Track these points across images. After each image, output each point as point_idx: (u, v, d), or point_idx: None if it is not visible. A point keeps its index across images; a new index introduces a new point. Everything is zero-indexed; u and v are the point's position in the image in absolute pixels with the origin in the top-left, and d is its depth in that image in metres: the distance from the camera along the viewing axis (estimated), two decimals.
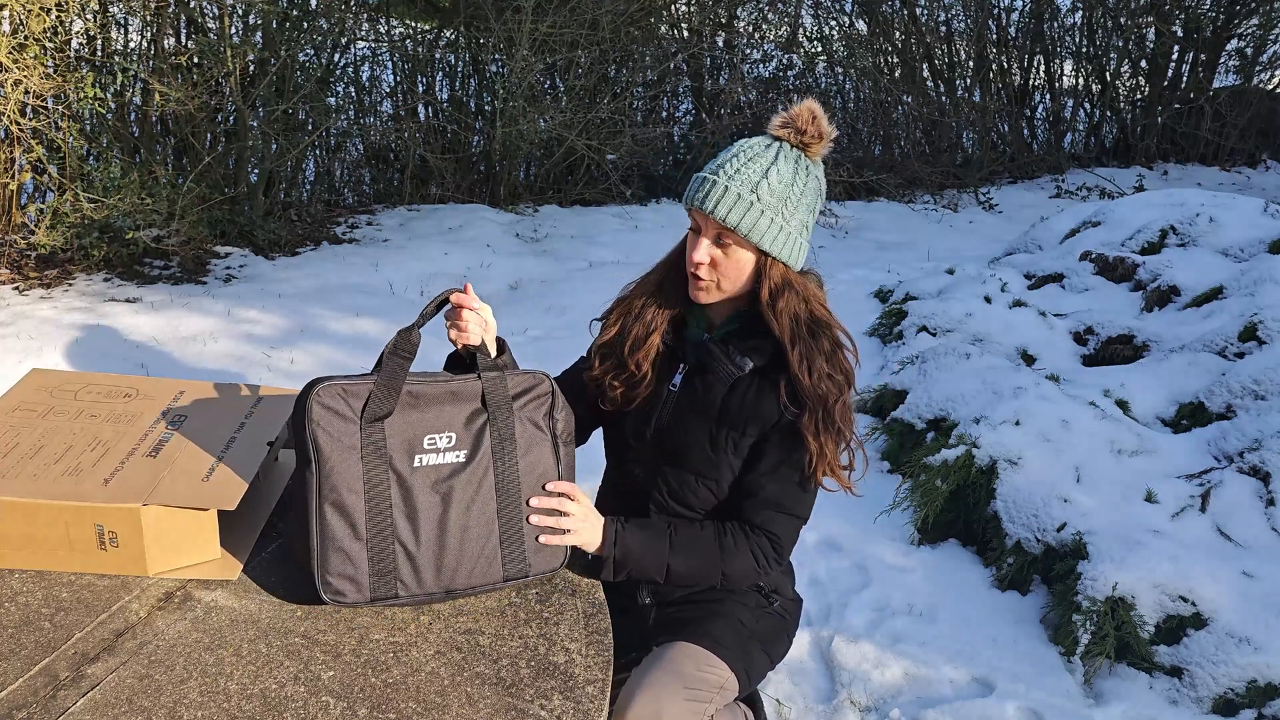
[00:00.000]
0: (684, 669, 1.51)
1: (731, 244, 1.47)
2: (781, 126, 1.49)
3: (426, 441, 1.36)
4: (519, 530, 1.40)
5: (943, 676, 2.38)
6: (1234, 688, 2.27)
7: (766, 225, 1.45)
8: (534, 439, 1.43)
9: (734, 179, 1.45)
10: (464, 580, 1.37)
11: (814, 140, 1.48)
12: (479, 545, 1.37)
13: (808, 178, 1.49)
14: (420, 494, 1.35)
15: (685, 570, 1.52)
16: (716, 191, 1.45)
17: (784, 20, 7.69)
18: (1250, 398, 3.10)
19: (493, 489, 1.39)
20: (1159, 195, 4.93)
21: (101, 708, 1.13)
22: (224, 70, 4.82)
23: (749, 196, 1.44)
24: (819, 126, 1.48)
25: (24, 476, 1.37)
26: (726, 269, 1.49)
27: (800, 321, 1.49)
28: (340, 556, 1.30)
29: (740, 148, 1.49)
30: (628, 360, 1.59)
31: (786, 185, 1.46)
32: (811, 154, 1.50)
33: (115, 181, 4.52)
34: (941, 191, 7.31)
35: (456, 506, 1.36)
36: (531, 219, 6.06)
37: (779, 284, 1.48)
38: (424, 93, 6.45)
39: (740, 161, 1.47)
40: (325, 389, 1.33)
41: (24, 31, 4.19)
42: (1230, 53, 8.50)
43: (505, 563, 1.39)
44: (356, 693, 1.19)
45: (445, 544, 1.35)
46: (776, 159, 1.47)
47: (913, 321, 4.05)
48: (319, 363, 3.87)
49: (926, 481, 2.95)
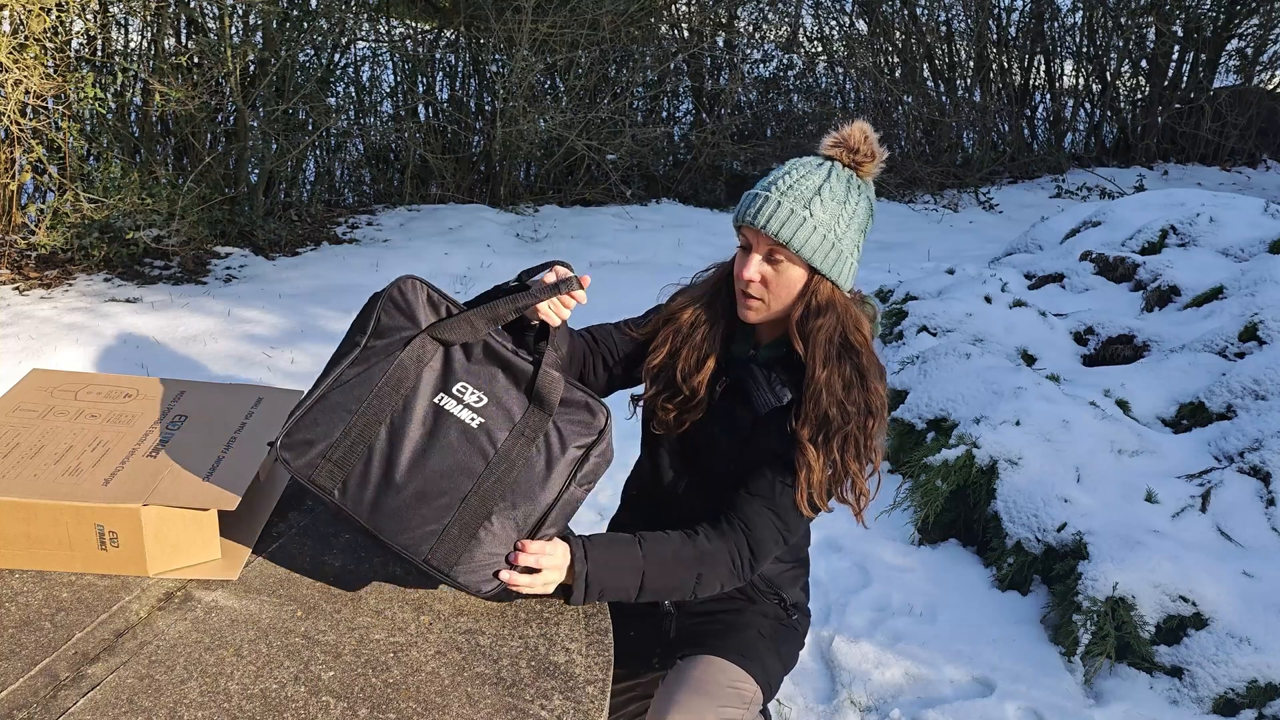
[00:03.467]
0: (713, 687, 1.50)
1: (783, 260, 1.45)
2: (834, 146, 1.48)
3: (458, 387, 1.32)
4: (470, 531, 1.29)
5: (943, 676, 2.38)
6: (1234, 688, 2.27)
7: (819, 242, 1.43)
8: (552, 461, 1.33)
9: (786, 195, 1.43)
10: (389, 532, 1.28)
11: (866, 160, 1.47)
12: (424, 513, 1.28)
13: (860, 198, 1.47)
14: (416, 426, 1.30)
15: (660, 576, 1.43)
16: (769, 207, 1.43)
17: (784, 20, 7.70)
18: (1250, 398, 3.10)
19: (477, 474, 1.30)
20: (1159, 195, 4.92)
21: (102, 708, 1.13)
22: (224, 70, 4.83)
23: (802, 212, 1.42)
24: (871, 146, 1.47)
25: (24, 476, 1.37)
26: (777, 287, 1.46)
27: (832, 343, 1.46)
28: (319, 421, 1.28)
29: (792, 165, 1.48)
30: (682, 385, 1.55)
31: (840, 203, 1.44)
32: (863, 174, 1.48)
33: (115, 181, 4.52)
34: (942, 191, 7.31)
35: (434, 464, 1.29)
36: (531, 219, 6.06)
37: (821, 303, 1.46)
38: (424, 93, 6.45)
39: (793, 178, 1.45)
40: (413, 284, 1.34)
41: (24, 31, 4.19)
42: (1230, 53, 8.51)
43: (435, 548, 1.28)
44: (357, 693, 1.19)
45: (401, 487, 1.28)
46: (829, 177, 1.45)
47: (913, 321, 4.05)
48: (319, 363, 3.87)
49: (927, 481, 2.95)
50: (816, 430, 1.45)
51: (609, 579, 1.39)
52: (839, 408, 1.45)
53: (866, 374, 1.47)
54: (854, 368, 1.47)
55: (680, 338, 1.57)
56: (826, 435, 1.45)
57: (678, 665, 1.56)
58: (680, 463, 1.61)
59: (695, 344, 1.55)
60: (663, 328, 1.60)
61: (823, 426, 1.45)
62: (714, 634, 1.59)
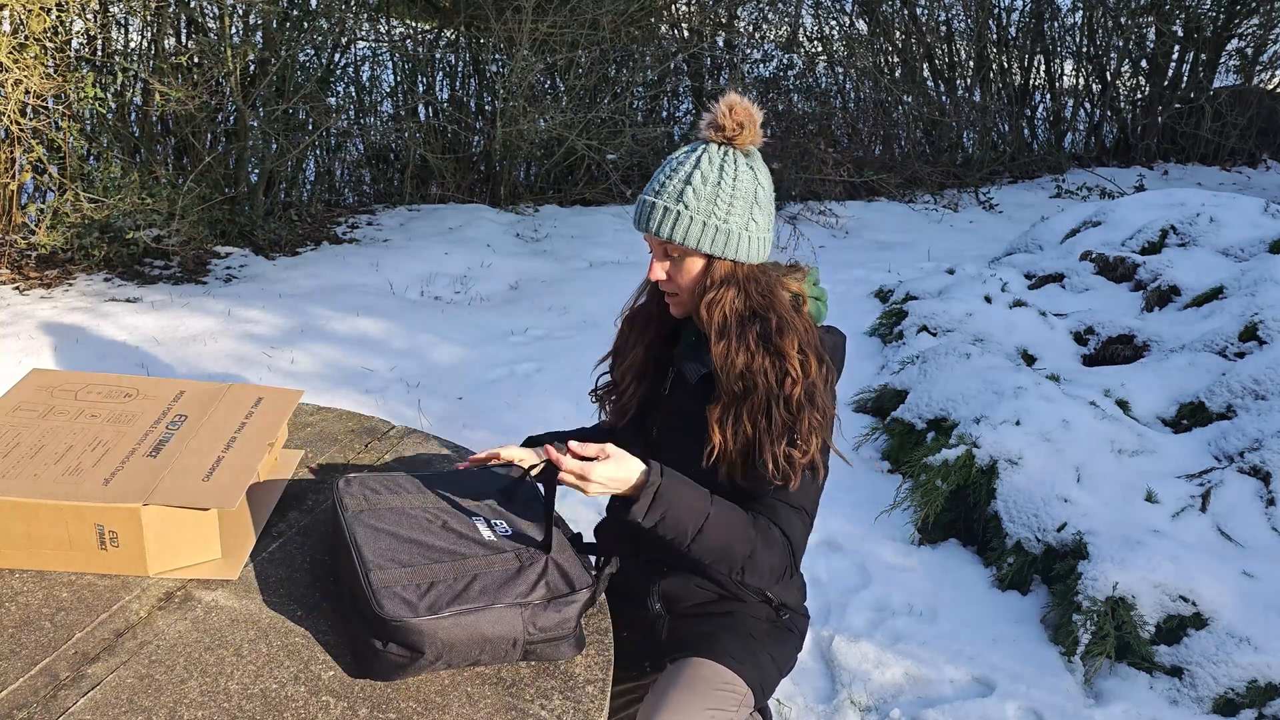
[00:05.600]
0: (703, 688, 1.50)
1: (679, 256, 1.50)
2: (705, 128, 1.50)
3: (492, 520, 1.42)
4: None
5: (943, 676, 2.38)
6: (1234, 688, 2.27)
7: (699, 230, 1.46)
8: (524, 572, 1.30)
9: (660, 194, 1.48)
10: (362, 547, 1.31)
11: (736, 132, 1.47)
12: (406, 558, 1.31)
13: (737, 171, 1.48)
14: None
15: (717, 535, 1.41)
16: (648, 211, 1.49)
17: (784, 20, 7.70)
18: (1250, 397, 3.10)
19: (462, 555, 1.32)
20: (1159, 195, 4.93)
21: (102, 708, 1.13)
22: (224, 70, 4.83)
23: (675, 207, 1.46)
24: (740, 116, 1.46)
25: (24, 476, 1.37)
26: (682, 279, 1.51)
27: (728, 315, 1.48)
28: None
29: (666, 162, 1.51)
30: (614, 377, 1.67)
31: (713, 186, 1.46)
32: (740, 145, 1.49)
33: (115, 181, 4.53)
34: (942, 191, 7.32)
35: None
36: (532, 219, 6.06)
37: (716, 281, 1.49)
38: (424, 93, 6.46)
39: (665, 175, 1.49)
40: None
41: (24, 31, 4.19)
42: (1230, 53, 8.51)
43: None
44: (357, 692, 1.19)
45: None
46: (699, 163, 1.47)
47: (913, 321, 4.05)
48: (320, 362, 3.87)
49: (927, 481, 2.95)
50: (727, 406, 1.47)
51: (676, 505, 1.38)
52: (741, 379, 1.46)
53: (775, 338, 1.47)
54: (759, 336, 1.47)
55: (621, 339, 1.68)
56: (737, 410, 1.46)
57: (668, 668, 1.56)
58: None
59: (631, 340, 1.66)
60: (615, 342, 1.71)
61: (732, 400, 1.47)
62: (705, 636, 1.59)
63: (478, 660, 1.23)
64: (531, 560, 1.32)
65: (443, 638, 1.19)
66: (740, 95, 1.49)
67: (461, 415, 3.54)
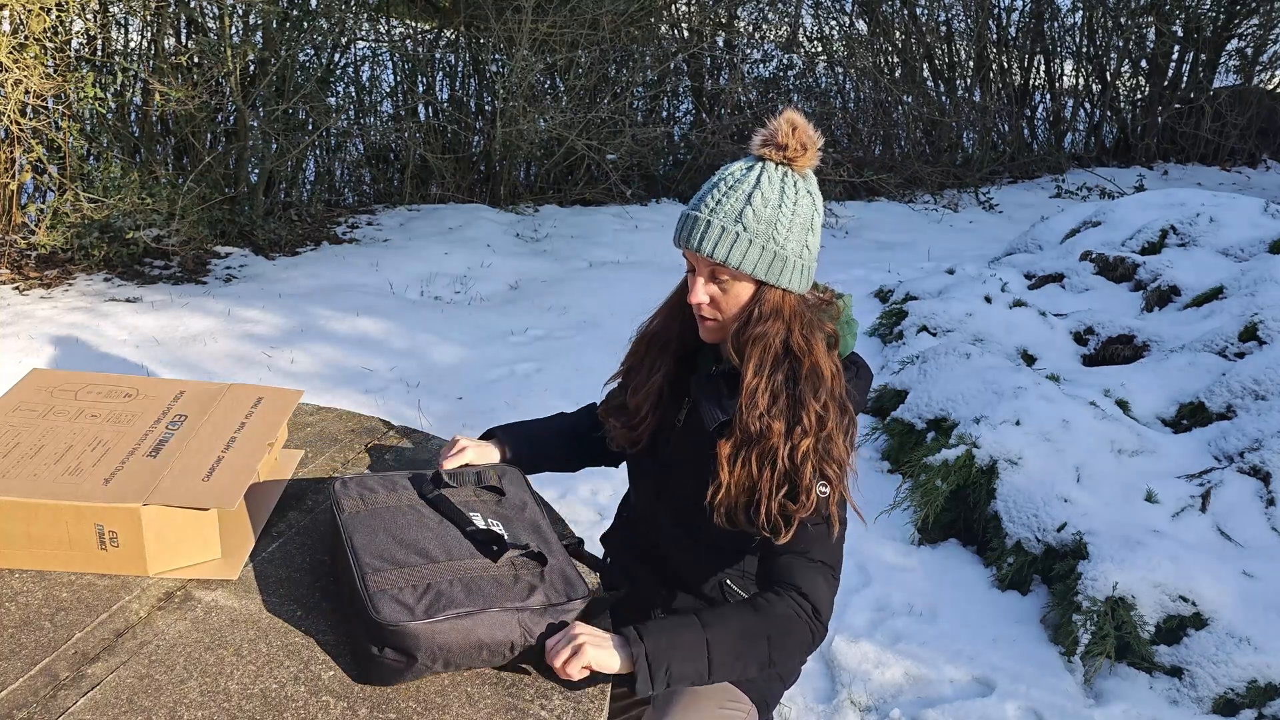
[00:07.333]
0: (707, 705, 1.50)
1: (728, 279, 1.40)
2: (763, 145, 1.40)
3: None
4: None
5: (943, 676, 2.38)
6: (1234, 688, 2.27)
7: (758, 255, 1.37)
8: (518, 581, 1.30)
9: (716, 212, 1.37)
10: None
11: (798, 154, 1.38)
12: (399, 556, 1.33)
13: (797, 195, 1.39)
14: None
15: (729, 642, 1.30)
16: (700, 228, 1.38)
17: (784, 20, 7.70)
18: (1250, 398, 3.10)
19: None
20: (1159, 195, 4.93)
21: (102, 708, 1.13)
22: (224, 70, 4.83)
23: (734, 228, 1.36)
24: (800, 138, 1.38)
25: (24, 476, 1.37)
26: (727, 305, 1.41)
27: (769, 350, 1.38)
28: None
29: (721, 176, 1.41)
30: (629, 401, 1.56)
31: (774, 209, 1.37)
32: (798, 168, 1.40)
33: (115, 181, 4.53)
34: (941, 191, 7.32)
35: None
36: (531, 219, 6.06)
37: (766, 311, 1.39)
38: (424, 93, 6.46)
39: (721, 192, 1.39)
40: None
41: (24, 31, 4.19)
42: (1230, 53, 8.51)
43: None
44: (357, 692, 1.19)
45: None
46: (759, 183, 1.38)
47: (913, 321, 4.05)
48: (320, 362, 3.87)
49: (926, 481, 2.95)
50: (739, 444, 1.37)
51: (674, 656, 1.27)
52: (759, 420, 1.36)
53: (802, 384, 1.37)
54: (787, 378, 1.38)
55: (637, 360, 1.57)
56: (747, 452, 1.37)
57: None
58: (652, 490, 1.59)
59: (649, 366, 1.54)
60: (626, 356, 1.61)
61: (745, 439, 1.37)
62: None
63: (474, 664, 1.23)
64: (529, 565, 1.32)
65: (439, 641, 1.19)
66: (798, 113, 1.40)
67: (461, 415, 3.54)
